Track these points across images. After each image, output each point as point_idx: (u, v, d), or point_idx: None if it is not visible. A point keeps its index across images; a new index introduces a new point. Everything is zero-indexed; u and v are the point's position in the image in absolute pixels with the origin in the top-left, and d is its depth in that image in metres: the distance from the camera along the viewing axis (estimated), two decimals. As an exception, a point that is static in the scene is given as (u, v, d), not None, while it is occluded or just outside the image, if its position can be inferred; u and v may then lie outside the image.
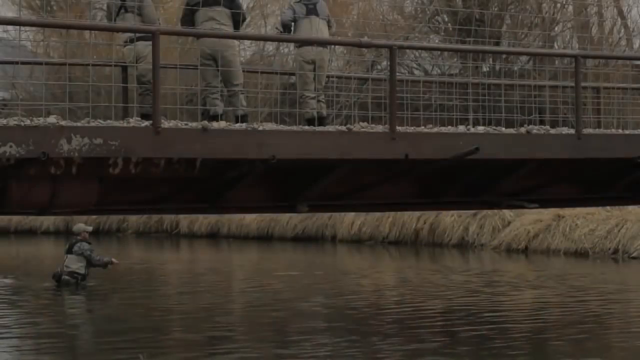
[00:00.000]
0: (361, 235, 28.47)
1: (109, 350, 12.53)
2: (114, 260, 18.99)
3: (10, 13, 33.18)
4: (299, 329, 14.24)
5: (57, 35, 29.02)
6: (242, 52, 32.32)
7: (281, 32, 11.84)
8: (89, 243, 18.95)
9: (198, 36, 10.86)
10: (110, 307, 16.69)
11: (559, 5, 30.62)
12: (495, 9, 29.39)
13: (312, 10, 11.74)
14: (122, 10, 11.05)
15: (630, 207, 22.57)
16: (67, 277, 18.81)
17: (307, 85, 11.56)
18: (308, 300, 17.37)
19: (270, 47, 32.50)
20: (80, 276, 18.80)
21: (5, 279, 20.79)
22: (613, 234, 23.13)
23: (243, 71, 11.63)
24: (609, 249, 22.98)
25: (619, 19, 30.73)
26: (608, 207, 23.34)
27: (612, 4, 30.26)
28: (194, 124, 9.04)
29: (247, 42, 30.45)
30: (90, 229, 19.43)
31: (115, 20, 11.08)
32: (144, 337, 13.55)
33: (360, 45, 10.77)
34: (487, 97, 12.42)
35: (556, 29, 30.67)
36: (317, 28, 11.65)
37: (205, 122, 9.05)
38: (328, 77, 12.90)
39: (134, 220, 33.82)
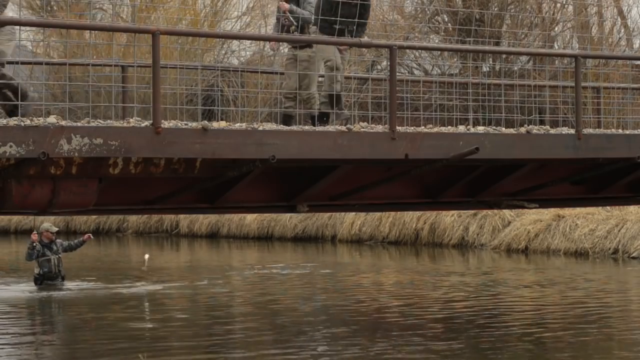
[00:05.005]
0: (361, 235, 28.45)
1: (109, 351, 12.53)
2: (34, 238, 18.65)
3: (10, 13, 33.11)
4: (299, 329, 14.23)
5: (57, 35, 29.04)
6: (242, 52, 32.42)
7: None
8: (40, 243, 18.71)
9: (198, 36, 10.84)
10: (109, 308, 16.69)
11: (559, 5, 30.61)
12: (495, 9, 29.38)
13: None
14: None
15: (630, 207, 22.56)
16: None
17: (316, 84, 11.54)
18: (308, 299, 17.37)
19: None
20: (35, 275, 18.71)
21: (4, 279, 20.77)
22: (613, 234, 23.12)
23: (243, 71, 11.63)
24: (609, 249, 22.97)
25: (619, 19, 30.72)
26: (608, 207, 23.32)
27: (612, 4, 30.25)
28: (194, 124, 9.04)
29: (247, 42, 30.45)
30: (54, 229, 19.15)
31: None
32: (144, 337, 13.56)
33: (360, 45, 10.78)
34: (487, 97, 12.43)
35: (556, 29, 30.66)
36: None
37: (206, 122, 9.05)
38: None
39: (134, 220, 33.78)
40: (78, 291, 18.44)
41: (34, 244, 18.53)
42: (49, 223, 19.15)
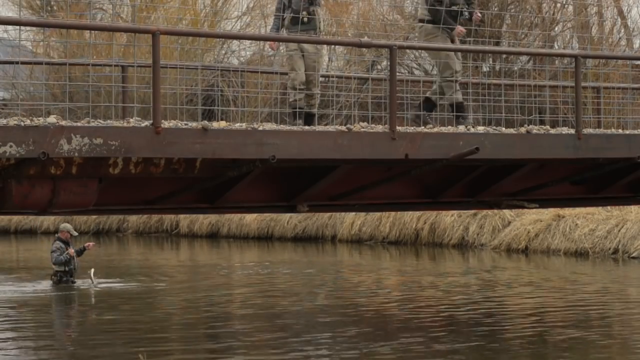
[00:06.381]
0: (361, 235, 28.46)
1: (109, 350, 12.53)
2: (71, 253, 18.79)
3: (10, 13, 33.18)
4: (299, 328, 14.24)
5: (57, 35, 29.04)
6: (242, 52, 32.41)
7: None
8: (65, 243, 18.82)
9: (198, 36, 10.84)
10: (110, 307, 16.70)
11: (559, 5, 30.61)
12: (495, 9, 29.37)
13: None
14: None
15: (630, 207, 22.56)
16: (52, 278, 18.94)
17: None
18: (309, 299, 17.38)
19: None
20: (58, 273, 18.79)
21: (4, 279, 20.79)
22: (613, 234, 23.12)
23: (243, 71, 11.62)
24: (609, 249, 22.97)
25: (619, 19, 30.73)
26: (608, 207, 23.31)
27: (612, 4, 30.25)
28: (194, 124, 9.05)
29: (247, 42, 30.46)
30: (75, 233, 19.31)
31: None
32: (144, 337, 13.56)
33: (360, 45, 10.76)
34: (487, 97, 12.42)
35: (556, 29, 30.67)
36: None
37: (206, 122, 9.05)
38: (328, 77, 12.89)
39: (134, 220, 33.78)
40: (80, 290, 18.48)
41: (61, 246, 18.71)
42: (70, 225, 19.35)
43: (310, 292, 18.38)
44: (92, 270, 19.21)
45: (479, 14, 11.85)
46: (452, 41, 11.62)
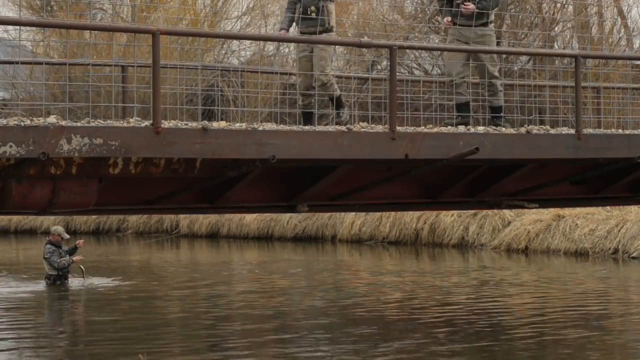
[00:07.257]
0: (361, 235, 28.46)
1: (109, 351, 12.53)
2: (74, 259, 18.83)
3: (10, 13, 33.17)
4: (299, 329, 14.24)
5: (57, 35, 29.04)
6: (242, 52, 32.42)
7: None
8: (56, 245, 18.83)
9: (198, 36, 10.84)
10: (110, 307, 16.70)
11: (559, 5, 30.62)
12: (496, 9, 29.35)
13: None
14: None
15: (630, 207, 22.56)
16: (45, 280, 18.95)
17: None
18: (308, 300, 17.38)
19: (270, 47, 32.51)
20: (52, 276, 18.80)
21: (4, 279, 20.79)
22: (613, 234, 23.12)
23: (243, 71, 11.62)
24: (609, 249, 22.98)
25: (619, 19, 30.74)
26: (608, 207, 23.32)
27: (612, 4, 30.26)
28: (194, 124, 9.05)
29: (247, 42, 30.47)
30: (66, 236, 19.35)
31: None
32: (144, 337, 13.57)
33: (360, 45, 10.76)
34: (487, 97, 12.42)
35: (556, 29, 30.67)
36: None
37: (205, 122, 9.05)
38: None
39: (134, 220, 33.77)
40: (78, 290, 18.48)
41: (55, 250, 18.73)
42: (61, 227, 19.35)
43: (309, 293, 18.39)
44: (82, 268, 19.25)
45: (470, 7, 11.87)
46: (467, 43, 11.70)
